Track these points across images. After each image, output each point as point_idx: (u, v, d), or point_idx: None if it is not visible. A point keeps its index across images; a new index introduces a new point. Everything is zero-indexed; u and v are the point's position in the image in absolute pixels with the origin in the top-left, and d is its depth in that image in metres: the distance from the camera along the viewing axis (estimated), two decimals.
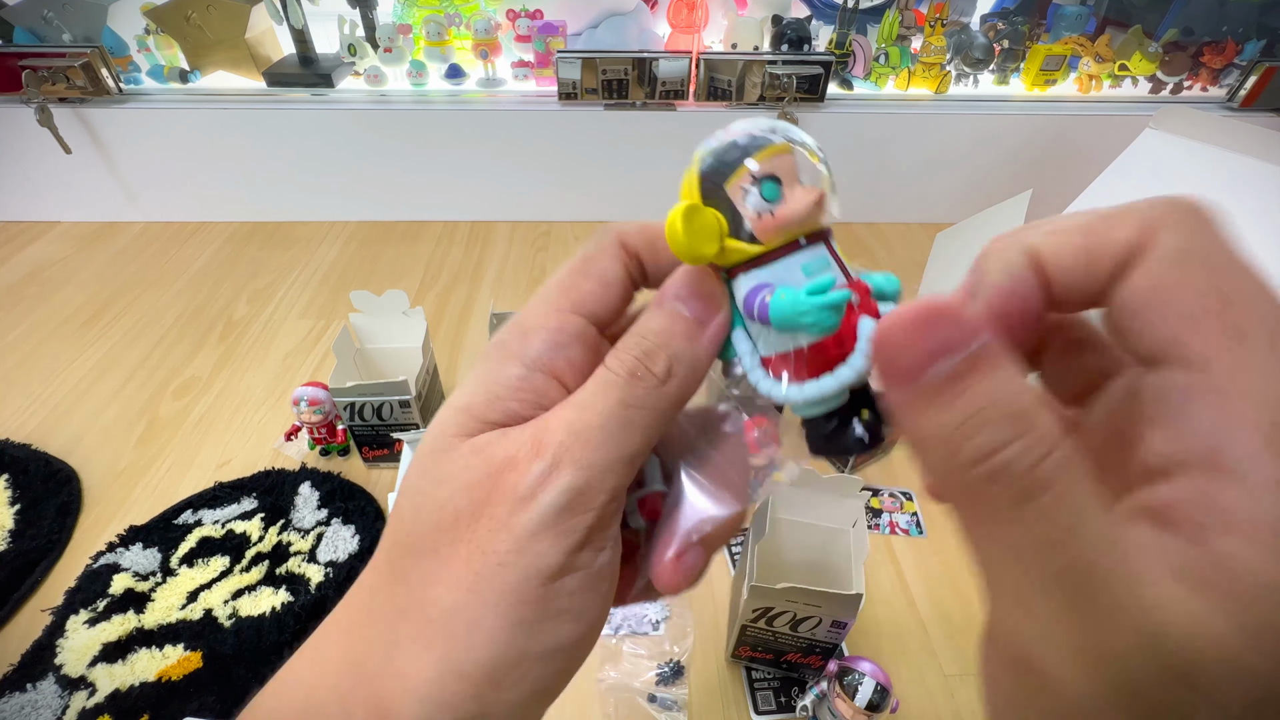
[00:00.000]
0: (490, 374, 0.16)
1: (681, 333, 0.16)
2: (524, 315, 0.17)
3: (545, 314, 0.17)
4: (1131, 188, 0.65)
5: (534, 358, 0.16)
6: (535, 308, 0.17)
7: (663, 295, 0.17)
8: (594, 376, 0.16)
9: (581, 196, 1.01)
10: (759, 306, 0.15)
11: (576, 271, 0.18)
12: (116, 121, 0.93)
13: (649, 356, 0.16)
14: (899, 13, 0.94)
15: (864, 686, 0.38)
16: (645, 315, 0.17)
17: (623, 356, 0.16)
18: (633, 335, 0.16)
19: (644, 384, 0.16)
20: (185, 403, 0.68)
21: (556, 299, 0.17)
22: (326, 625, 0.17)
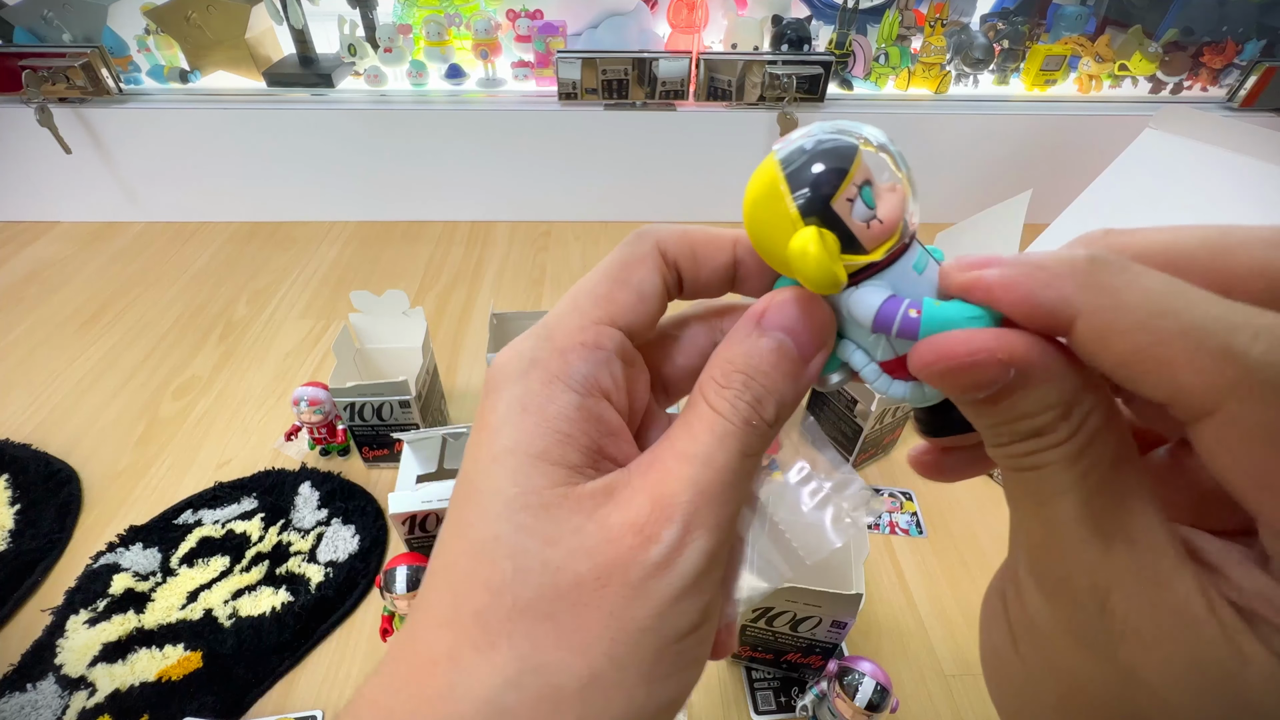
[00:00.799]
0: (543, 405, 0.15)
1: (788, 372, 0.15)
2: (554, 326, 0.16)
3: (580, 327, 0.16)
4: (1131, 188, 0.65)
5: (582, 380, 0.15)
6: (568, 319, 0.16)
7: (765, 323, 0.15)
8: (702, 419, 0.15)
9: (581, 196, 1.01)
10: (903, 322, 0.14)
11: (613, 280, 0.16)
12: (116, 121, 0.93)
13: (760, 403, 0.15)
14: (899, 13, 0.94)
15: (864, 686, 0.38)
16: (745, 344, 0.15)
17: (734, 401, 0.15)
18: (736, 371, 0.15)
19: (758, 432, 0.15)
20: (185, 403, 0.68)
21: (590, 309, 0.16)
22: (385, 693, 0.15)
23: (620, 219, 1.02)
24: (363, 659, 0.47)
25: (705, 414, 0.15)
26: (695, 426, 0.15)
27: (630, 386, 0.17)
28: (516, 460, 0.15)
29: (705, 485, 0.14)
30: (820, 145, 0.14)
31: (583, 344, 0.16)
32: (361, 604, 0.51)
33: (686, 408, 0.16)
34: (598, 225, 1.01)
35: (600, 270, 0.17)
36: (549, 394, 0.15)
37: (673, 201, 1.01)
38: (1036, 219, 0.63)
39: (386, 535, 0.55)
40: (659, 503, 0.14)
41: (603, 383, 0.16)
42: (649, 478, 0.15)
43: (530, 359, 0.16)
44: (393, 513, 0.45)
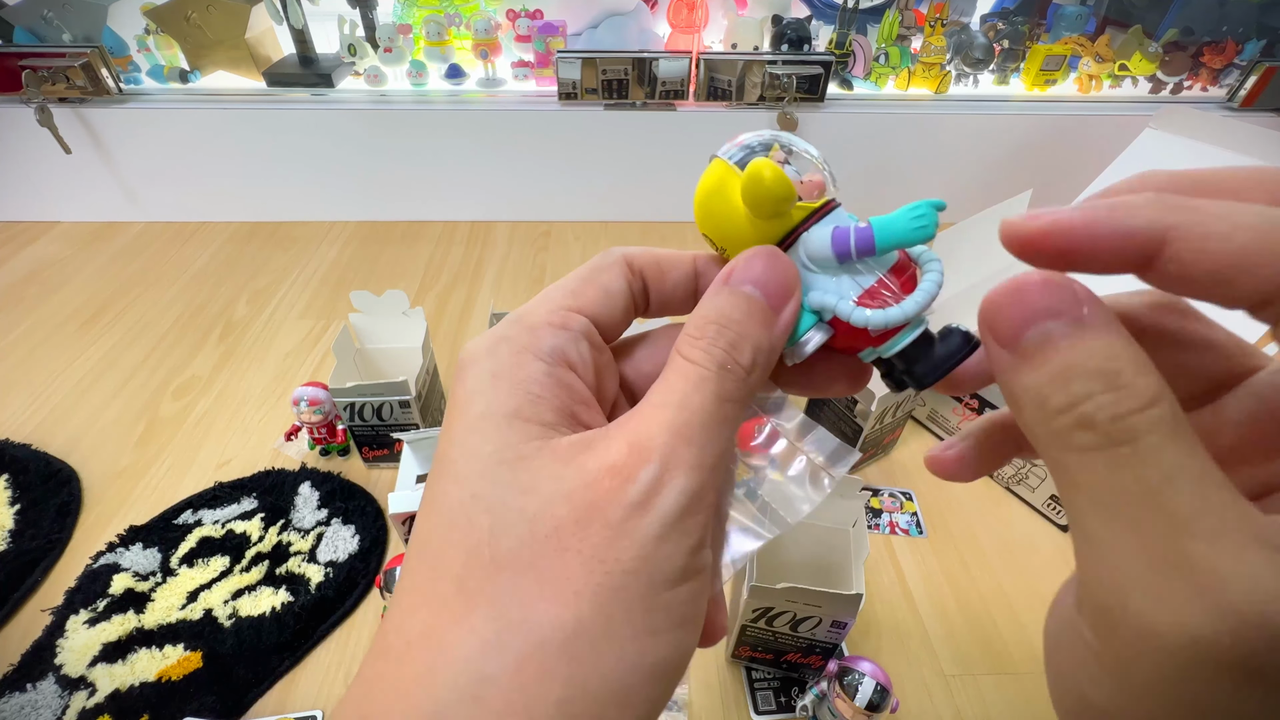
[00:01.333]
0: (513, 371, 0.15)
1: (761, 320, 0.16)
2: (524, 312, 0.17)
3: (549, 311, 0.17)
4: None
5: (549, 351, 0.16)
6: (537, 306, 0.17)
7: (734, 279, 0.16)
8: (678, 370, 0.15)
9: (581, 196, 1.01)
10: (857, 235, 0.16)
11: (580, 279, 0.17)
12: (116, 121, 0.93)
13: (735, 347, 0.15)
14: (899, 13, 0.94)
15: (864, 686, 0.38)
16: (715, 300, 0.16)
17: (708, 348, 0.15)
18: (708, 323, 0.15)
19: (734, 377, 0.15)
20: (185, 403, 0.68)
21: (558, 299, 0.17)
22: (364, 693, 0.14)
23: (620, 219, 1.02)
24: (363, 659, 0.47)
25: (679, 364, 0.15)
26: (670, 377, 0.15)
27: (598, 372, 0.17)
28: (491, 422, 0.15)
29: (680, 426, 0.14)
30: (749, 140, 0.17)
31: (549, 323, 0.16)
32: (361, 604, 0.51)
33: (665, 368, 0.16)
34: (598, 225, 1.01)
35: (574, 272, 0.18)
36: (518, 361, 0.16)
37: (673, 201, 1.01)
38: None
39: (386, 535, 0.55)
40: (635, 445, 0.14)
41: (569, 356, 0.16)
42: (626, 426, 0.15)
43: (498, 336, 0.16)
44: (393, 513, 0.45)
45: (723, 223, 0.17)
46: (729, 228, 0.17)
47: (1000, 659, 0.47)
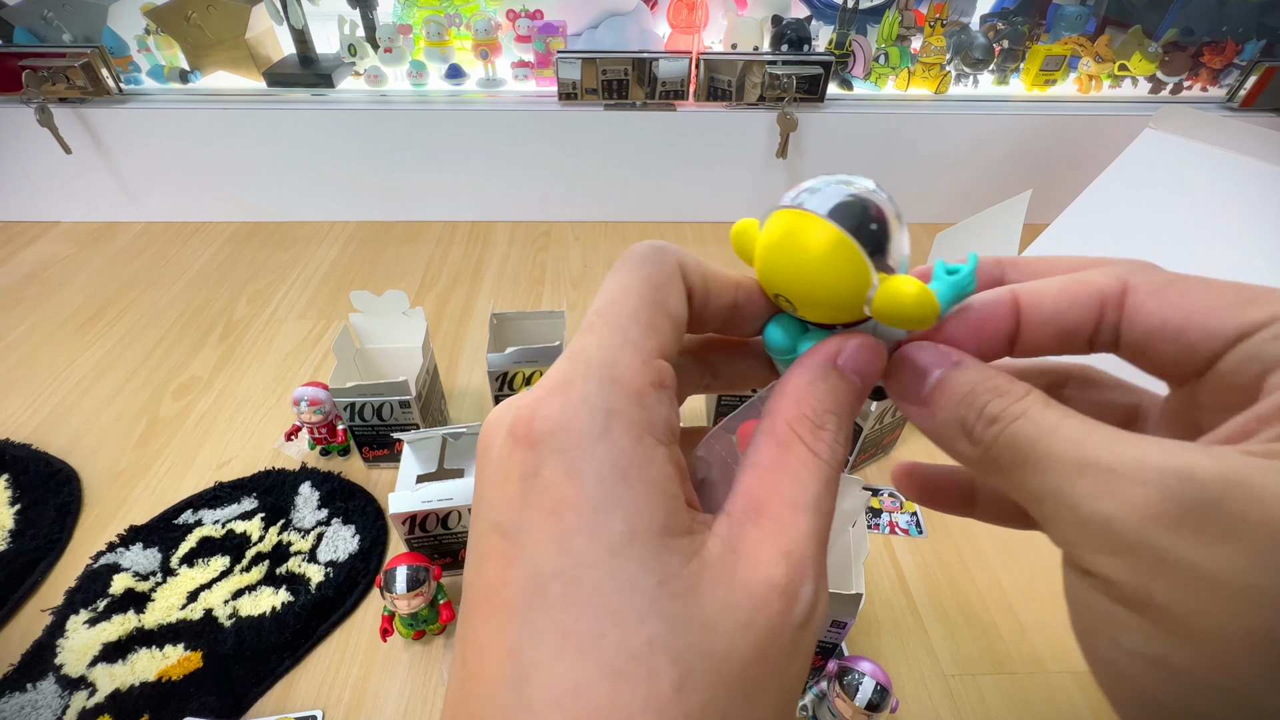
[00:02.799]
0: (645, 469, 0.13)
1: (856, 410, 0.16)
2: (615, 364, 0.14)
3: (644, 363, 0.14)
4: (1131, 188, 0.65)
5: (664, 428, 0.14)
6: (626, 355, 0.14)
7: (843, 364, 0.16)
8: (805, 463, 0.15)
9: (581, 196, 1.01)
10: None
11: (652, 305, 0.15)
12: (116, 121, 0.93)
13: (848, 443, 0.16)
14: (899, 13, 0.94)
15: (864, 686, 0.38)
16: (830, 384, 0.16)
17: (833, 445, 0.15)
18: (829, 414, 0.15)
19: (841, 471, 0.15)
20: (185, 403, 0.68)
21: (643, 342, 0.14)
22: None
23: (620, 219, 1.02)
24: (363, 659, 0.47)
25: (807, 458, 0.15)
26: (799, 471, 0.14)
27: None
28: (644, 544, 0.13)
29: (821, 535, 0.14)
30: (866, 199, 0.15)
31: (652, 384, 0.14)
32: (362, 604, 0.51)
33: (775, 446, 0.15)
34: (598, 225, 1.01)
35: (633, 292, 0.15)
36: (645, 453, 0.13)
37: (673, 201, 1.01)
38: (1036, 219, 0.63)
39: (387, 535, 0.55)
40: (790, 559, 0.13)
41: (674, 427, 0.15)
42: (766, 529, 0.14)
43: (605, 410, 0.13)
44: (393, 513, 0.45)
45: (824, 303, 0.16)
46: (828, 308, 0.16)
47: (1000, 659, 0.47)
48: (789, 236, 0.15)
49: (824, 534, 0.14)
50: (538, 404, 0.14)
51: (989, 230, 0.60)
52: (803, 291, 0.16)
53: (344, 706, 0.45)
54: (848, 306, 0.15)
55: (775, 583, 0.13)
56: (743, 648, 0.12)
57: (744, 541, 0.14)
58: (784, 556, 0.13)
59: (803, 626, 0.13)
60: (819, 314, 0.16)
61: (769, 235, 0.16)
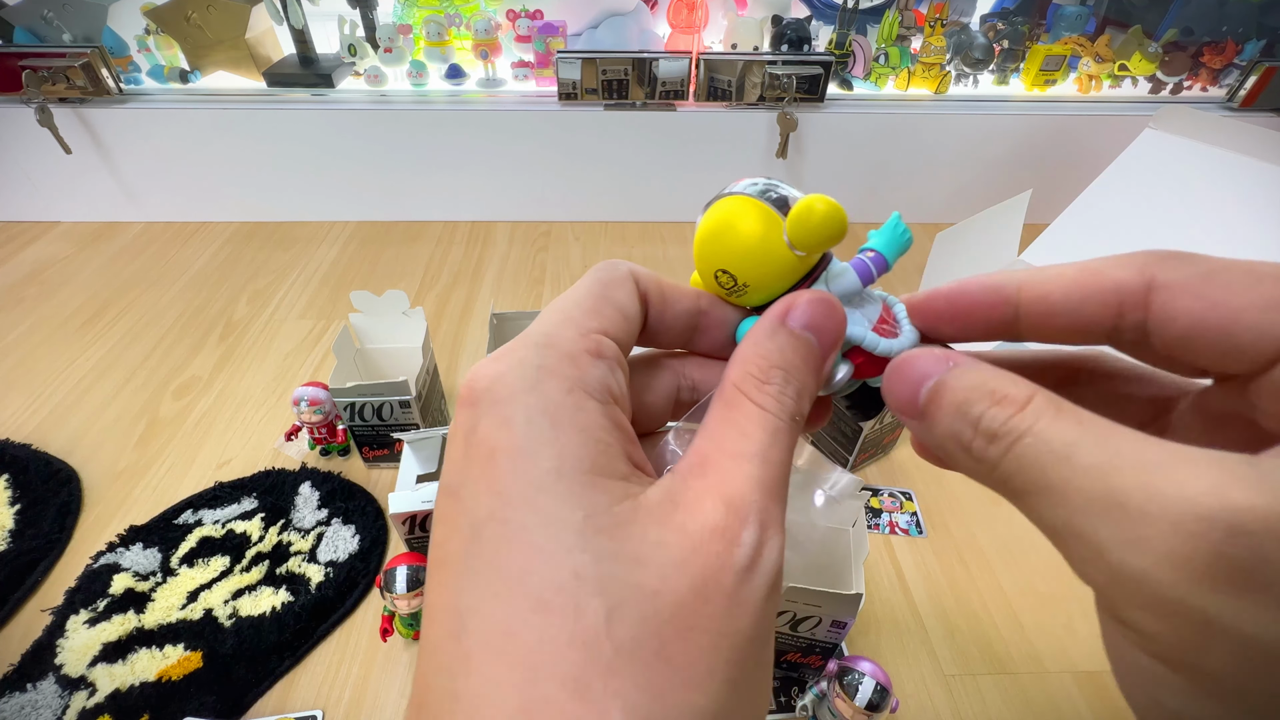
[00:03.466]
0: (574, 415, 0.14)
1: (814, 368, 0.16)
2: (550, 335, 0.15)
3: (581, 334, 0.15)
4: (1131, 188, 0.65)
5: (599, 386, 0.14)
6: (561, 328, 0.15)
7: (790, 320, 0.16)
8: (750, 416, 0.14)
9: (581, 196, 1.01)
10: (875, 264, 0.17)
11: (597, 296, 0.16)
12: (116, 121, 0.93)
13: (800, 398, 0.15)
14: (899, 13, 0.94)
15: (864, 686, 0.38)
16: (776, 341, 0.15)
17: (779, 396, 0.15)
18: (774, 368, 0.15)
19: (797, 428, 0.15)
20: (185, 403, 0.68)
21: (583, 320, 0.15)
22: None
23: (620, 219, 1.02)
24: (363, 659, 0.47)
25: (752, 411, 0.14)
26: (744, 424, 0.14)
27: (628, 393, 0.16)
28: (571, 481, 0.13)
29: (768, 483, 0.14)
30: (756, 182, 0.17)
31: (587, 351, 0.15)
32: (362, 604, 0.51)
33: (723, 406, 0.15)
34: (598, 225, 1.01)
35: (581, 289, 0.16)
36: (576, 403, 0.14)
37: (673, 201, 1.01)
38: (1036, 219, 0.63)
39: (386, 535, 0.55)
40: (731, 504, 0.13)
41: (613, 390, 0.15)
42: (709, 480, 0.14)
43: (533, 365, 0.14)
44: (393, 513, 0.45)
45: (751, 257, 0.17)
46: (759, 263, 0.17)
47: (1000, 659, 0.47)
48: (710, 221, 0.17)
49: (773, 483, 0.14)
50: (479, 369, 0.14)
51: (989, 230, 0.60)
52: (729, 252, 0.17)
53: (344, 706, 0.45)
54: (774, 251, 0.16)
55: (712, 525, 0.13)
56: (677, 585, 0.12)
57: (685, 492, 0.13)
58: (723, 501, 0.13)
59: (746, 570, 0.13)
60: (753, 273, 0.17)
61: (703, 223, 0.18)
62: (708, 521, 0.13)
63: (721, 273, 0.17)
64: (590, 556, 0.12)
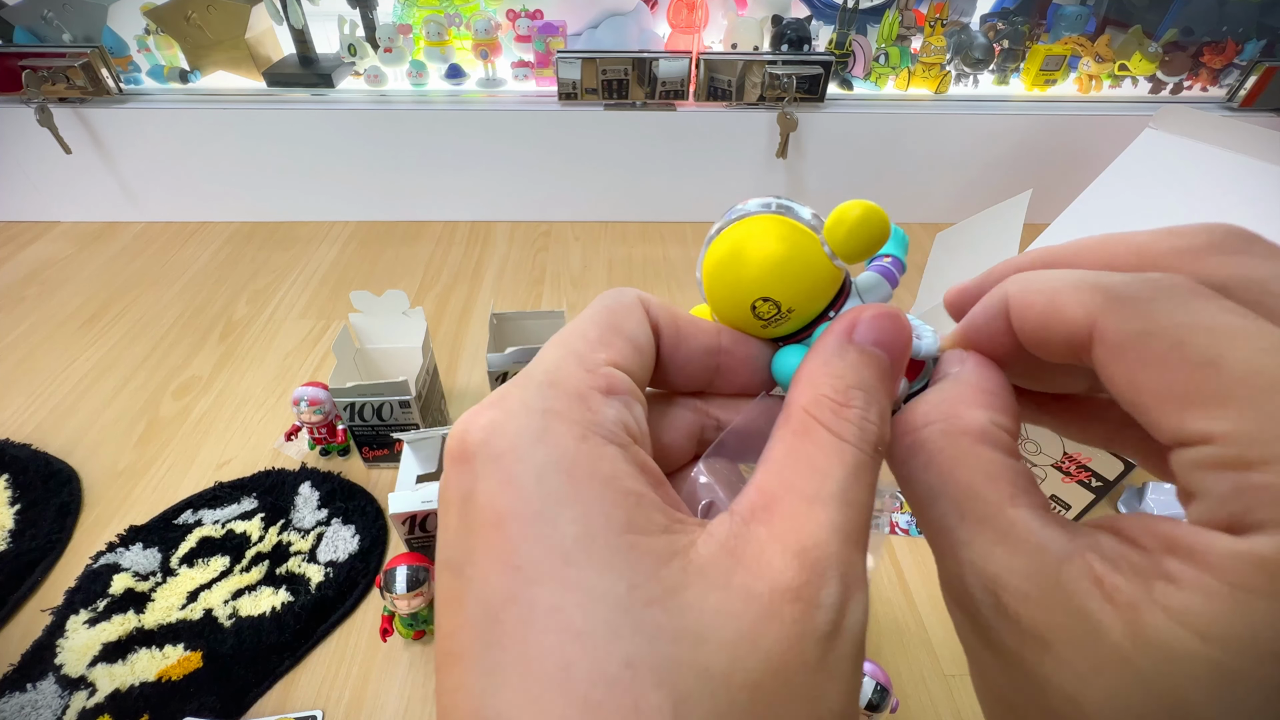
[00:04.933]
0: (594, 465, 0.12)
1: (890, 388, 0.14)
2: (553, 373, 0.13)
3: (588, 370, 0.13)
4: (1131, 188, 0.65)
5: (615, 427, 0.12)
6: (564, 363, 0.13)
7: (858, 337, 0.14)
8: (825, 448, 0.12)
9: (581, 196, 1.01)
10: (896, 266, 0.17)
11: (603, 326, 0.14)
12: (116, 121, 0.93)
13: (884, 422, 0.13)
14: (899, 13, 0.94)
15: (864, 686, 0.38)
16: (846, 360, 0.14)
17: (861, 423, 0.13)
18: (852, 389, 0.13)
19: (880, 459, 0.13)
20: (185, 403, 0.68)
21: (588, 354, 0.13)
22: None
23: (620, 219, 1.02)
24: (363, 659, 0.47)
25: (829, 442, 0.12)
26: (818, 458, 0.12)
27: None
28: (604, 546, 0.11)
29: (850, 529, 0.12)
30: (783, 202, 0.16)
31: (597, 388, 0.13)
32: (361, 604, 0.51)
33: (790, 436, 0.13)
34: (598, 225, 1.01)
35: (585, 319, 0.14)
36: (593, 450, 0.12)
37: (673, 201, 1.01)
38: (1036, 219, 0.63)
39: (386, 535, 0.55)
40: (805, 557, 0.11)
41: (632, 430, 0.13)
42: (776, 527, 0.11)
43: (542, 410, 0.12)
44: (393, 513, 0.45)
45: (795, 277, 0.15)
46: (803, 282, 0.15)
47: None
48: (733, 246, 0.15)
49: (855, 529, 0.12)
50: (472, 418, 0.12)
51: (989, 230, 0.60)
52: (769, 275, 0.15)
53: (344, 706, 0.45)
54: (815, 266, 0.15)
55: (785, 586, 0.11)
56: (750, 665, 0.10)
57: (747, 543, 0.11)
58: (796, 556, 0.11)
59: (829, 637, 0.11)
60: (798, 293, 0.15)
61: (721, 252, 0.16)
62: (779, 581, 0.11)
63: (762, 301, 0.15)
64: (644, 639, 0.10)
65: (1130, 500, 0.56)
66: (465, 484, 0.12)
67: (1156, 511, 0.53)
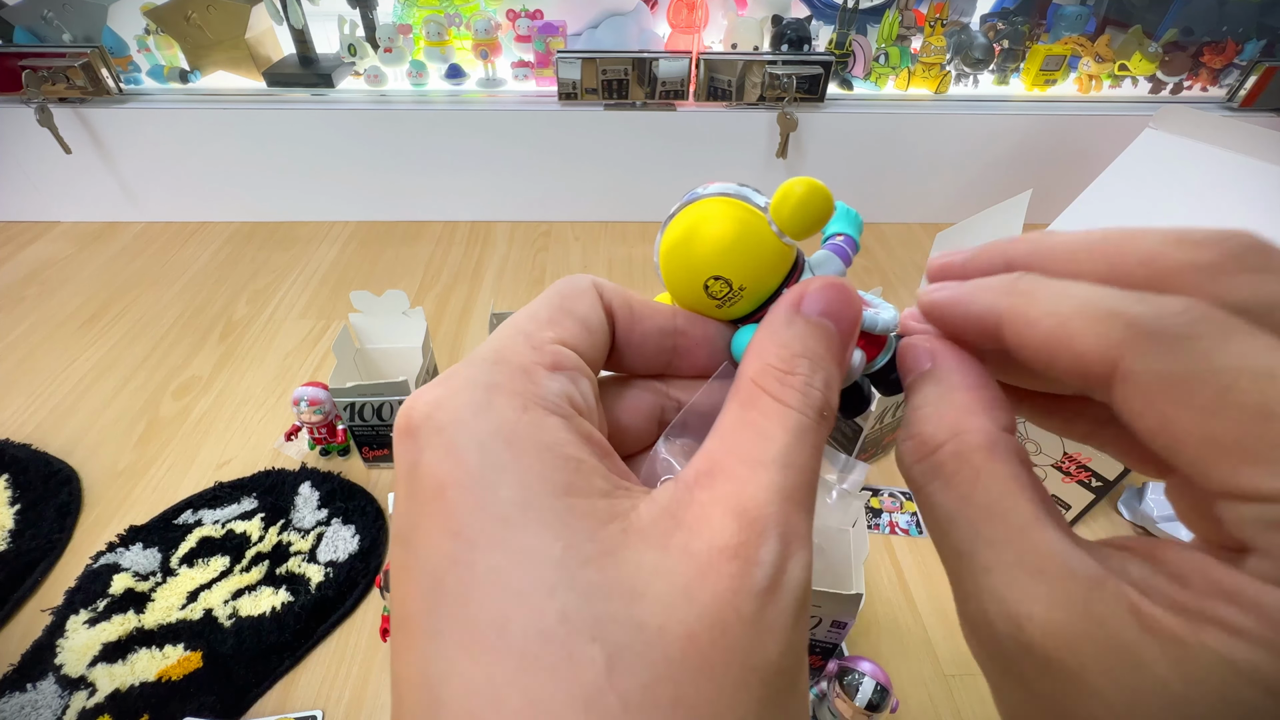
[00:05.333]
0: (533, 433, 0.12)
1: (838, 358, 0.14)
2: (500, 351, 0.13)
3: (533, 347, 0.13)
4: (1131, 188, 0.65)
5: (559, 399, 0.13)
6: (511, 342, 0.13)
7: (805, 307, 0.14)
8: (770, 415, 0.13)
9: (581, 196, 1.01)
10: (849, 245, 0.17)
11: (553, 308, 0.14)
12: (116, 121, 0.93)
13: (829, 388, 0.13)
14: (899, 13, 0.94)
15: (864, 686, 0.38)
16: (793, 330, 0.14)
17: (805, 389, 0.13)
18: (797, 357, 0.13)
19: (827, 425, 0.13)
20: (185, 403, 0.68)
21: (536, 332, 0.14)
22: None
23: (620, 219, 1.02)
24: (363, 659, 0.47)
25: (773, 409, 0.13)
26: (763, 424, 0.12)
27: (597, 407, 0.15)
28: (541, 508, 0.11)
29: (791, 490, 0.12)
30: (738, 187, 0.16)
31: (538, 363, 0.13)
32: (361, 604, 0.51)
33: (738, 406, 0.13)
34: (598, 225, 1.01)
35: (536, 303, 0.14)
36: (534, 420, 0.12)
37: (673, 201, 1.00)
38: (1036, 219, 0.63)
39: (386, 535, 0.55)
40: (745, 517, 0.11)
41: (577, 403, 0.13)
42: (718, 490, 0.12)
43: (481, 384, 0.12)
44: (393, 512, 0.45)
45: (745, 255, 0.15)
46: (753, 259, 0.15)
47: None
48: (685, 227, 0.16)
49: (799, 490, 0.12)
50: (418, 395, 0.13)
51: (989, 230, 0.60)
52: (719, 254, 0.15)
53: (344, 706, 0.45)
54: (764, 244, 0.15)
55: (723, 544, 0.11)
56: (684, 618, 0.10)
57: (689, 505, 0.12)
58: (736, 516, 0.11)
59: (767, 592, 0.11)
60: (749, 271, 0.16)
61: (673, 235, 0.16)
62: (717, 540, 0.11)
63: (714, 280, 0.16)
64: (577, 595, 0.10)
65: (1130, 500, 0.56)
66: (410, 457, 0.12)
67: (1157, 512, 0.53)
